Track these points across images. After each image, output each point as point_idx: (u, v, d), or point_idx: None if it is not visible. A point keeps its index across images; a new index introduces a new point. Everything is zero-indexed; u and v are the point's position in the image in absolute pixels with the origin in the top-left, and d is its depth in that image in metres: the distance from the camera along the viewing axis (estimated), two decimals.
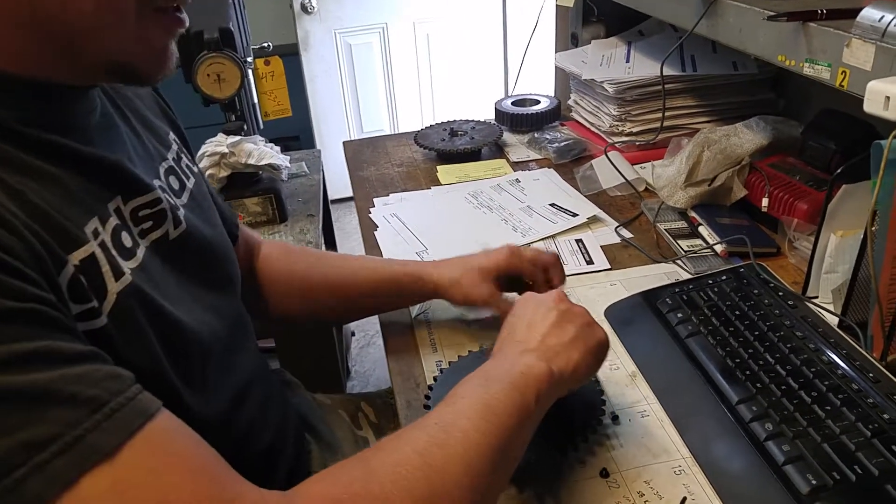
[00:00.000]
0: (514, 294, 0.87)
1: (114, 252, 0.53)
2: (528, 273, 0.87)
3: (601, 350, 0.67)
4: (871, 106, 0.60)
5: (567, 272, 1.01)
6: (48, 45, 0.50)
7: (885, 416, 0.67)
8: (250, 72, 1.56)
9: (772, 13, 0.77)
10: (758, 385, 0.73)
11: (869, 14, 0.64)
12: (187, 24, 0.56)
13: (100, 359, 0.46)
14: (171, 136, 0.74)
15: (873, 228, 0.73)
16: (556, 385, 0.61)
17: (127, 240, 0.56)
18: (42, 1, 0.48)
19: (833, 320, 0.83)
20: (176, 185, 0.69)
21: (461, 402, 0.56)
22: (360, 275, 0.90)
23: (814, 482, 0.61)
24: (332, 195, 1.92)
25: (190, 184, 0.72)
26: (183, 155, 0.74)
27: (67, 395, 0.42)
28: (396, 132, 2.11)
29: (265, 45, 1.70)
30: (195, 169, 0.75)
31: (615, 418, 0.74)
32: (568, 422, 0.69)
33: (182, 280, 0.63)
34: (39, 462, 0.40)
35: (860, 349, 0.76)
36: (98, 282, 0.51)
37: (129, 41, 0.52)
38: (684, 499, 0.64)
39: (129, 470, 0.43)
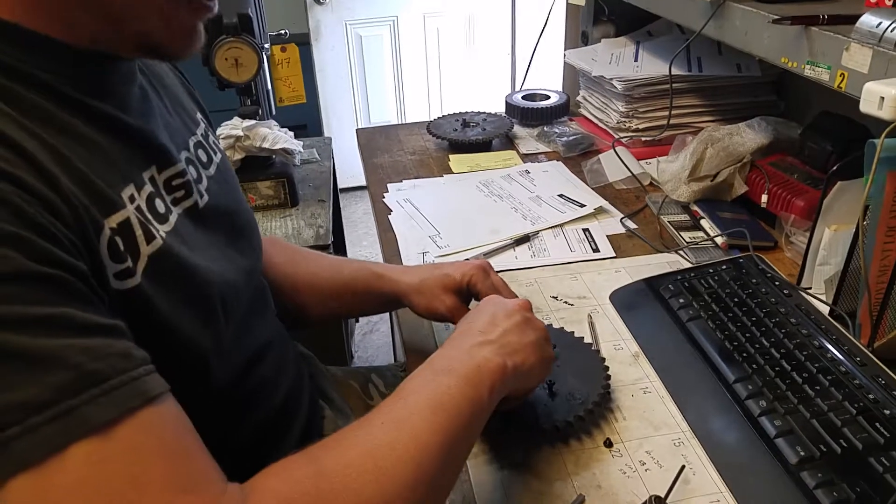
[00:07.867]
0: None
1: (148, 215, 0.56)
2: (486, 295, 0.80)
3: (548, 366, 0.70)
4: (867, 106, 0.65)
5: (574, 259, 1.06)
6: (97, 17, 0.53)
7: (871, 395, 0.72)
8: (266, 58, 1.60)
9: (777, 17, 0.82)
10: (753, 366, 0.78)
11: (867, 20, 0.69)
12: (215, 10, 0.59)
13: (116, 334, 0.47)
14: (199, 115, 0.78)
15: (865, 222, 0.78)
16: (509, 381, 0.62)
17: (160, 206, 0.58)
18: None
19: (825, 309, 0.88)
20: (204, 158, 0.72)
21: (413, 398, 0.57)
22: (322, 274, 0.91)
23: (802, 454, 0.66)
24: (338, 184, 1.96)
25: (217, 158, 0.76)
26: (210, 132, 0.78)
27: (71, 365, 0.43)
28: (404, 123, 2.15)
29: (282, 31, 1.74)
30: (220, 146, 0.79)
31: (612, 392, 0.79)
32: (574, 393, 0.75)
33: (215, 242, 0.67)
34: (33, 424, 0.41)
35: (849, 336, 0.81)
36: (132, 245, 0.53)
37: (155, 20, 0.55)
38: (683, 467, 0.69)
39: (112, 444, 0.43)
